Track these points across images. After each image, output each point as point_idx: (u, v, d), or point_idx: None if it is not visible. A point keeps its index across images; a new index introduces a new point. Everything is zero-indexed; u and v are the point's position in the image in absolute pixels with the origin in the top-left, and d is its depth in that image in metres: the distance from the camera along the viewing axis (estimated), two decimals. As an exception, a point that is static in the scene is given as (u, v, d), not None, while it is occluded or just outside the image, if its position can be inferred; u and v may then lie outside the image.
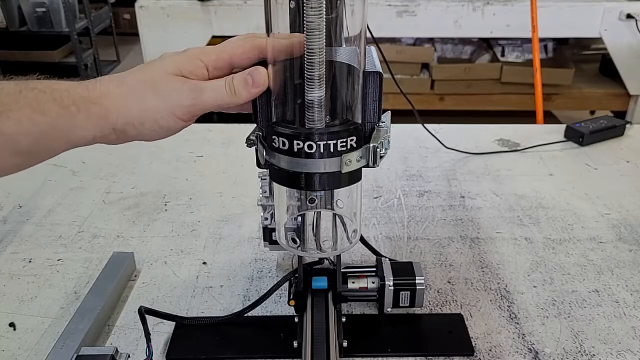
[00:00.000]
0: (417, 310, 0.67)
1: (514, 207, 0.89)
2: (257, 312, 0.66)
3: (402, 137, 1.11)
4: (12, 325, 0.65)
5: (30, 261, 0.76)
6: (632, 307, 0.68)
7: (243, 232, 0.82)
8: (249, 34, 0.50)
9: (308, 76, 0.45)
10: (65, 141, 0.46)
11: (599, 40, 2.47)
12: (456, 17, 2.31)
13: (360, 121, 0.49)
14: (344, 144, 0.47)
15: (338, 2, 0.46)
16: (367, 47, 0.49)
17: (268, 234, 0.67)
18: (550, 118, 2.73)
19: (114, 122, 0.46)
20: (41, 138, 0.45)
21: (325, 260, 0.67)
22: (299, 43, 0.45)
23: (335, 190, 0.54)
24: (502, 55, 2.61)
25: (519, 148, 1.08)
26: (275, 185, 0.54)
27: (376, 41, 0.56)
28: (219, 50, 0.49)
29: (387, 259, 0.67)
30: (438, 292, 0.71)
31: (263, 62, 0.49)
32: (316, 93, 0.45)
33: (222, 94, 0.48)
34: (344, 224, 0.58)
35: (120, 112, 0.46)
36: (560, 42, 2.76)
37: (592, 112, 2.71)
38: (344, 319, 0.63)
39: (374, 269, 0.66)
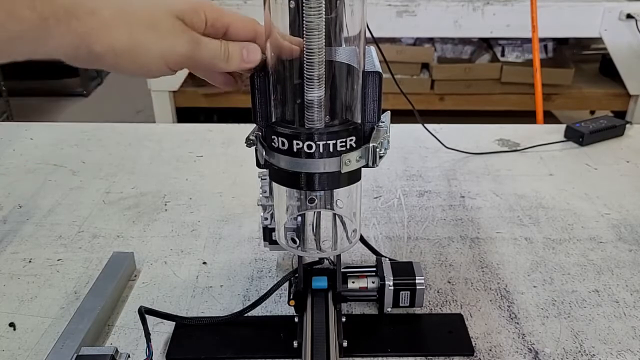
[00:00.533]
0: (417, 310, 0.67)
1: (514, 207, 0.89)
2: (257, 312, 0.66)
3: (402, 137, 1.11)
4: (12, 325, 0.65)
5: (30, 261, 0.76)
6: (632, 307, 0.68)
7: (243, 232, 0.82)
8: (252, 18, 0.50)
9: (307, 76, 0.45)
10: (31, 51, 0.41)
11: (599, 40, 2.46)
12: (456, 17, 2.31)
13: (359, 121, 0.49)
14: (344, 144, 0.47)
15: (338, 2, 0.46)
16: (366, 47, 0.49)
17: (268, 234, 0.67)
18: (550, 118, 2.73)
19: (92, 45, 0.42)
20: (6, 45, 0.40)
21: (325, 260, 0.67)
22: (291, 48, 0.45)
23: (335, 190, 0.54)
24: (502, 55, 2.61)
25: (519, 148, 1.08)
26: (275, 185, 0.54)
27: (376, 41, 0.56)
28: (222, 12, 0.47)
29: (387, 259, 0.67)
30: (438, 292, 0.71)
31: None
32: (316, 93, 0.45)
33: (217, 55, 0.46)
34: (343, 224, 0.58)
35: (105, 37, 0.42)
36: (560, 42, 2.76)
37: (592, 112, 2.71)
38: (344, 319, 0.63)
39: (374, 269, 0.66)
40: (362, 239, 0.71)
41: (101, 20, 0.42)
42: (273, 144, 0.48)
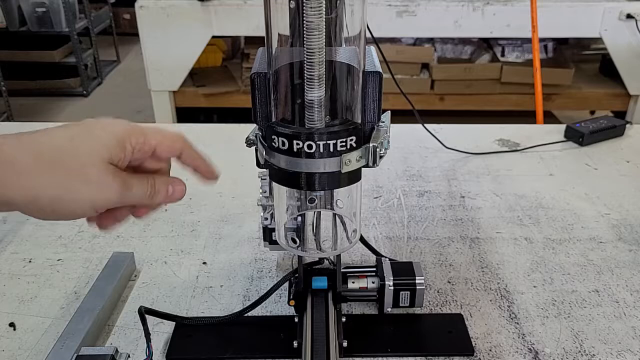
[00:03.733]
0: (417, 310, 0.67)
1: (514, 207, 0.89)
2: (257, 312, 0.66)
3: (402, 137, 1.11)
4: (12, 325, 0.65)
5: (30, 261, 0.76)
6: (632, 307, 0.68)
7: (243, 232, 0.82)
8: (179, 133, 0.49)
9: (308, 76, 0.45)
10: None
11: (599, 40, 2.47)
12: (456, 17, 2.31)
13: (360, 121, 0.49)
14: (344, 143, 0.47)
15: (338, 2, 0.46)
16: (366, 47, 0.49)
17: (268, 234, 0.67)
18: (550, 118, 2.73)
19: (10, 197, 0.40)
20: None
21: (325, 260, 0.67)
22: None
23: (335, 190, 0.54)
24: (502, 55, 2.61)
25: (519, 148, 1.08)
26: (275, 185, 0.54)
27: (376, 41, 0.56)
28: (147, 135, 0.46)
29: (387, 259, 0.67)
30: (438, 292, 0.71)
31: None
32: (316, 93, 0.45)
33: (143, 194, 0.45)
34: (343, 224, 0.58)
35: (24, 188, 0.40)
36: (560, 42, 2.76)
37: (592, 112, 2.72)
38: (344, 319, 0.63)
39: (374, 269, 0.66)
40: (362, 239, 0.71)
41: (19, 172, 0.39)
42: (273, 143, 0.48)
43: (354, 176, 0.50)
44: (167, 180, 0.48)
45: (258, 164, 0.51)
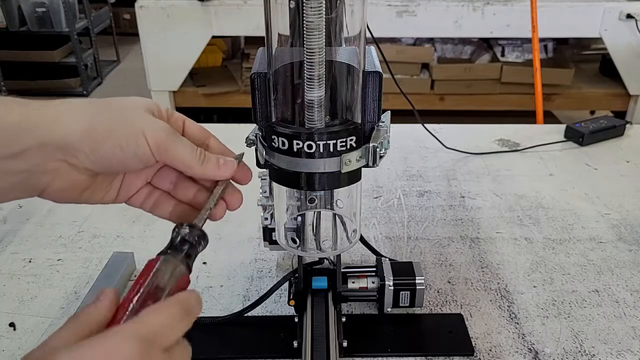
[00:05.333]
0: (417, 310, 0.67)
1: (514, 207, 0.89)
2: (257, 312, 0.66)
3: (402, 137, 1.11)
4: (12, 325, 0.65)
5: (30, 261, 0.76)
6: (632, 307, 0.68)
7: (243, 232, 0.82)
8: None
9: (308, 76, 0.45)
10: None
11: (599, 40, 2.46)
12: (456, 17, 2.31)
13: (360, 121, 0.49)
14: (344, 143, 0.47)
15: (338, 2, 0.46)
16: (366, 47, 0.49)
17: (268, 234, 0.67)
18: (550, 118, 2.73)
19: (67, 127, 0.41)
20: None
21: (325, 260, 0.67)
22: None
23: (335, 190, 0.54)
24: (502, 55, 2.61)
25: (519, 148, 1.08)
26: (275, 185, 0.54)
27: (376, 41, 0.56)
28: (175, 112, 0.47)
29: (387, 259, 0.67)
30: (438, 292, 0.71)
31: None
32: (316, 93, 0.45)
33: (192, 153, 0.44)
34: (343, 224, 0.58)
35: (80, 121, 0.41)
36: (560, 42, 2.76)
37: (592, 112, 2.71)
38: (344, 319, 0.63)
39: (374, 269, 0.66)
40: (362, 239, 0.71)
41: (76, 106, 0.43)
42: (273, 143, 0.48)
43: (354, 176, 0.50)
44: (216, 155, 0.46)
45: (258, 164, 0.51)
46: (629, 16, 2.27)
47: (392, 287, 0.63)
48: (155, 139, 0.42)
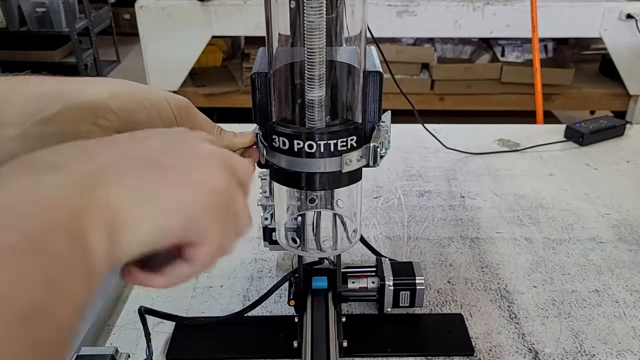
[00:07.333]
0: (417, 310, 0.67)
1: (514, 207, 0.89)
2: (257, 312, 0.66)
3: (402, 137, 1.11)
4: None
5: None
6: (632, 307, 0.68)
7: (243, 232, 0.82)
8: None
9: (308, 76, 0.45)
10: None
11: (599, 40, 2.47)
12: (456, 17, 2.31)
13: (360, 121, 0.49)
14: (344, 143, 0.47)
15: (338, 2, 0.46)
16: (367, 47, 0.49)
17: (268, 234, 0.67)
18: (550, 118, 2.73)
19: (93, 94, 0.42)
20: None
21: (325, 260, 0.67)
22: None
23: (335, 190, 0.54)
24: (502, 55, 2.61)
25: (519, 148, 1.08)
26: (275, 185, 0.54)
27: (376, 41, 0.56)
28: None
29: (387, 259, 0.67)
30: (438, 292, 0.71)
31: None
32: (316, 93, 0.45)
33: (210, 123, 0.46)
34: (344, 224, 0.58)
35: (103, 86, 0.42)
36: (560, 42, 2.76)
37: (592, 112, 2.71)
38: (344, 319, 0.63)
39: (374, 269, 0.66)
40: (362, 239, 0.71)
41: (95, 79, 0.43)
42: (274, 143, 0.48)
43: (355, 176, 0.50)
44: (232, 131, 0.48)
45: (258, 164, 0.51)
46: (629, 16, 2.27)
47: (392, 287, 0.63)
48: (177, 103, 0.44)
